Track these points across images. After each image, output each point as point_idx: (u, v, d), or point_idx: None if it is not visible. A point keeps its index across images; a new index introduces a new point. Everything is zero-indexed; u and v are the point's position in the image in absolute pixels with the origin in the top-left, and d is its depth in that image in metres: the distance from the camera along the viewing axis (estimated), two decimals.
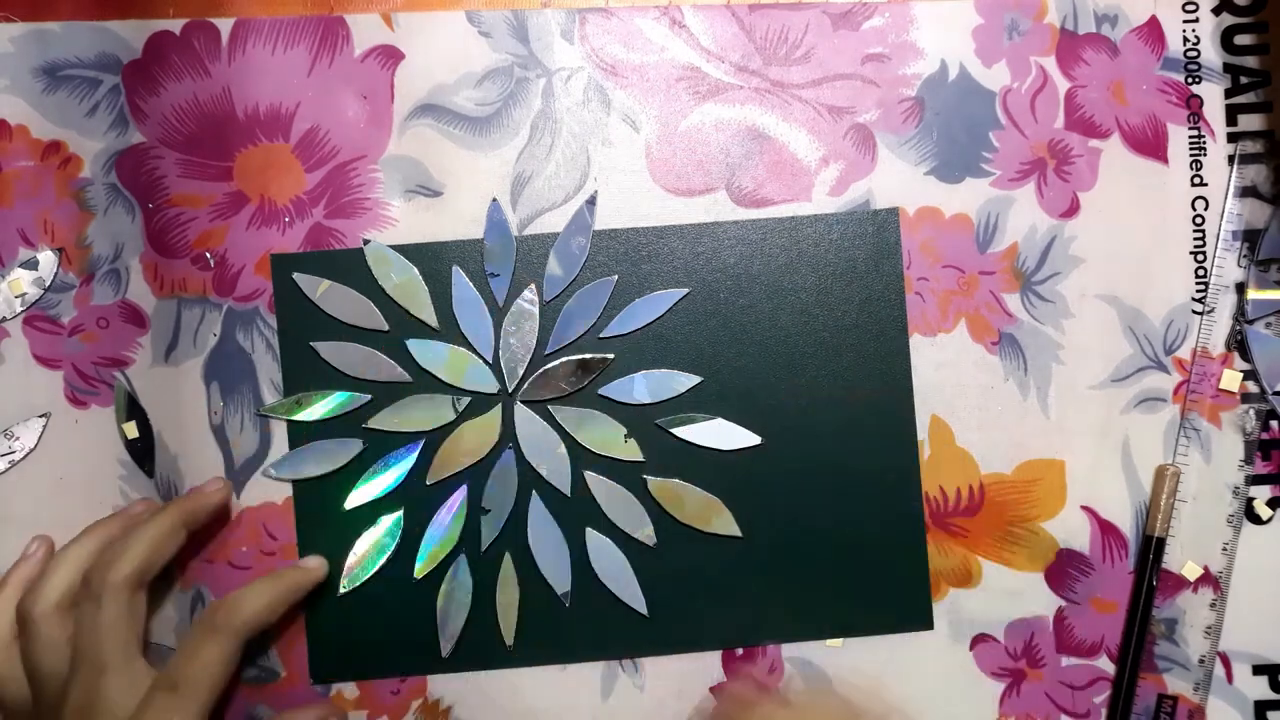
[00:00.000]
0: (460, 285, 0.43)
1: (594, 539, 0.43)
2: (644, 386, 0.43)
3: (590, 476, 0.43)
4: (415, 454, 0.43)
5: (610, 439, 0.43)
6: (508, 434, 0.43)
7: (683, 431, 0.43)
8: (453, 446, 0.43)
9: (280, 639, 0.43)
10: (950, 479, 0.44)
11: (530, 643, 0.43)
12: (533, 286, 0.43)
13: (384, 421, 0.43)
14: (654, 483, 0.43)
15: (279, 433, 0.43)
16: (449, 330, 0.43)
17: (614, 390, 0.43)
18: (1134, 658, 0.43)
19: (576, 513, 0.43)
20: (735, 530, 0.43)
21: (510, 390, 0.43)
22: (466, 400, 0.43)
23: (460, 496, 0.43)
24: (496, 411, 0.43)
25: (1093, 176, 0.43)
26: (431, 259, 0.43)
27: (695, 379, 0.43)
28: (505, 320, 0.43)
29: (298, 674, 0.43)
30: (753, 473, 0.43)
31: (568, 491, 0.43)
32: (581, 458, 0.43)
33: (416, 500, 0.43)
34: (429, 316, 0.43)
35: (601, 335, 0.43)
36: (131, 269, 0.43)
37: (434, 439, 0.43)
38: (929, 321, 0.43)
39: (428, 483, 0.43)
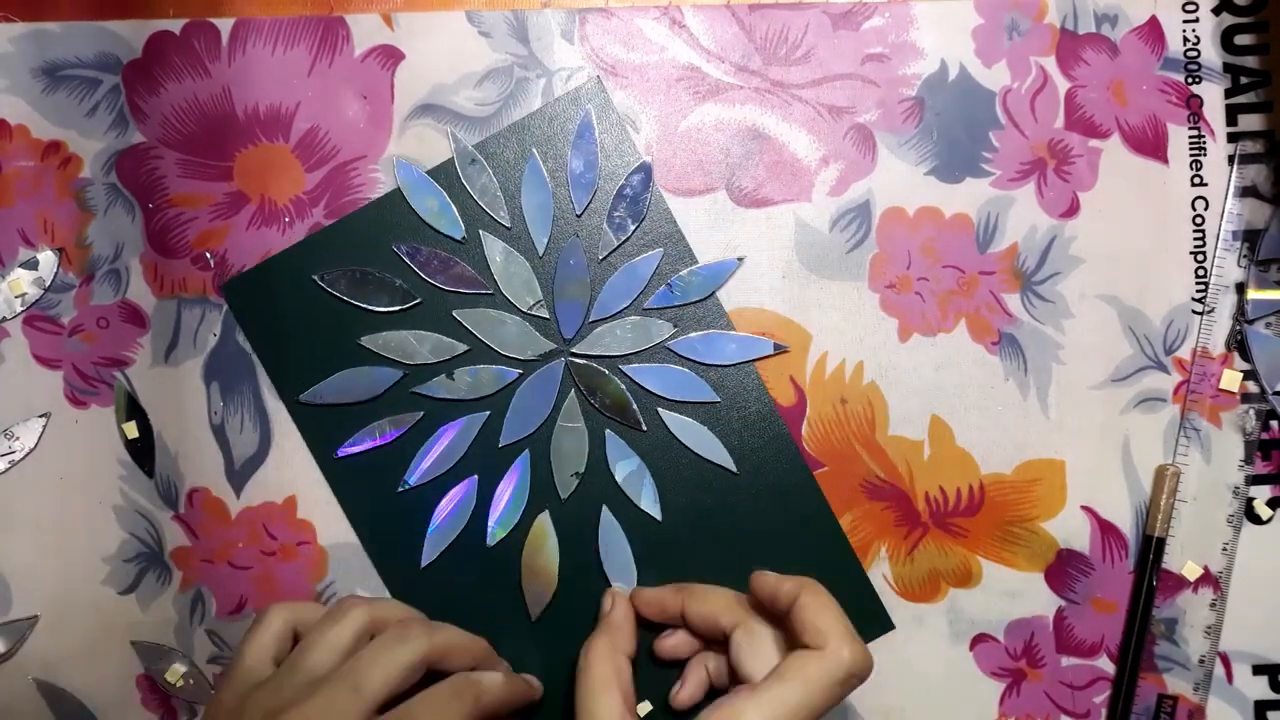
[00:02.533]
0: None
1: None
2: None
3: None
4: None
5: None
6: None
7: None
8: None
9: None
10: (950, 479, 0.44)
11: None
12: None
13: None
14: None
15: (279, 433, 0.43)
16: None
17: None
18: (1134, 658, 0.43)
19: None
20: None
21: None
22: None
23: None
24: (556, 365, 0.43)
25: (1093, 176, 0.43)
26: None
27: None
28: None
29: None
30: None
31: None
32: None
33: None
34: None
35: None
36: (131, 269, 0.43)
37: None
38: (929, 321, 0.43)
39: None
